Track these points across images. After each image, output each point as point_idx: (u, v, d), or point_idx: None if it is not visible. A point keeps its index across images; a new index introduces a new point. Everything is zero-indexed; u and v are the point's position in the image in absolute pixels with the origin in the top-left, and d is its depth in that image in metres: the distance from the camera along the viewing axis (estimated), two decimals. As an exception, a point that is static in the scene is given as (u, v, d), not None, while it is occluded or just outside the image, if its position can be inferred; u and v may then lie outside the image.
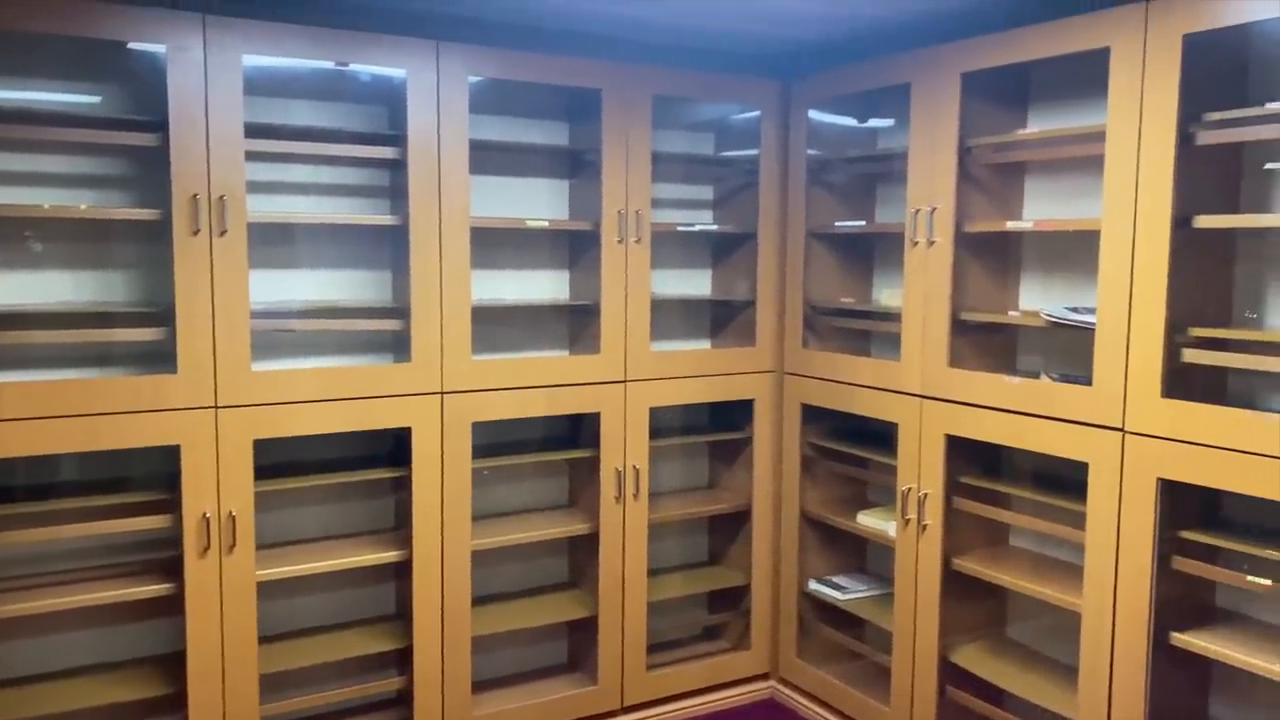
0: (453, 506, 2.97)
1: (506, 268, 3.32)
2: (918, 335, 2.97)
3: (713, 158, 3.68)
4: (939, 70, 2.86)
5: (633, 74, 3.12)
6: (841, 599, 3.40)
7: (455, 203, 2.88)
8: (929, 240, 2.91)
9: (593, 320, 3.20)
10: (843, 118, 3.51)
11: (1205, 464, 2.26)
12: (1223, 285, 2.49)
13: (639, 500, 3.27)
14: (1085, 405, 2.51)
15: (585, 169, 3.26)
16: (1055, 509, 2.71)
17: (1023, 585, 2.78)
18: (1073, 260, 2.88)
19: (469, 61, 2.87)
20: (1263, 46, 2.40)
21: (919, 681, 3.02)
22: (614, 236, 3.14)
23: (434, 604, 2.97)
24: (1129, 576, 2.42)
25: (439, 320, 2.88)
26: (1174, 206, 2.29)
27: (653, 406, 3.28)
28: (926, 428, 2.95)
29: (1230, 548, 2.35)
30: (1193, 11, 2.23)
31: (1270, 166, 2.42)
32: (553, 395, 3.11)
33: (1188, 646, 2.39)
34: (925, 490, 2.95)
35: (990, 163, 2.92)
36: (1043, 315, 2.72)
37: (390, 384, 2.85)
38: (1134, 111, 2.35)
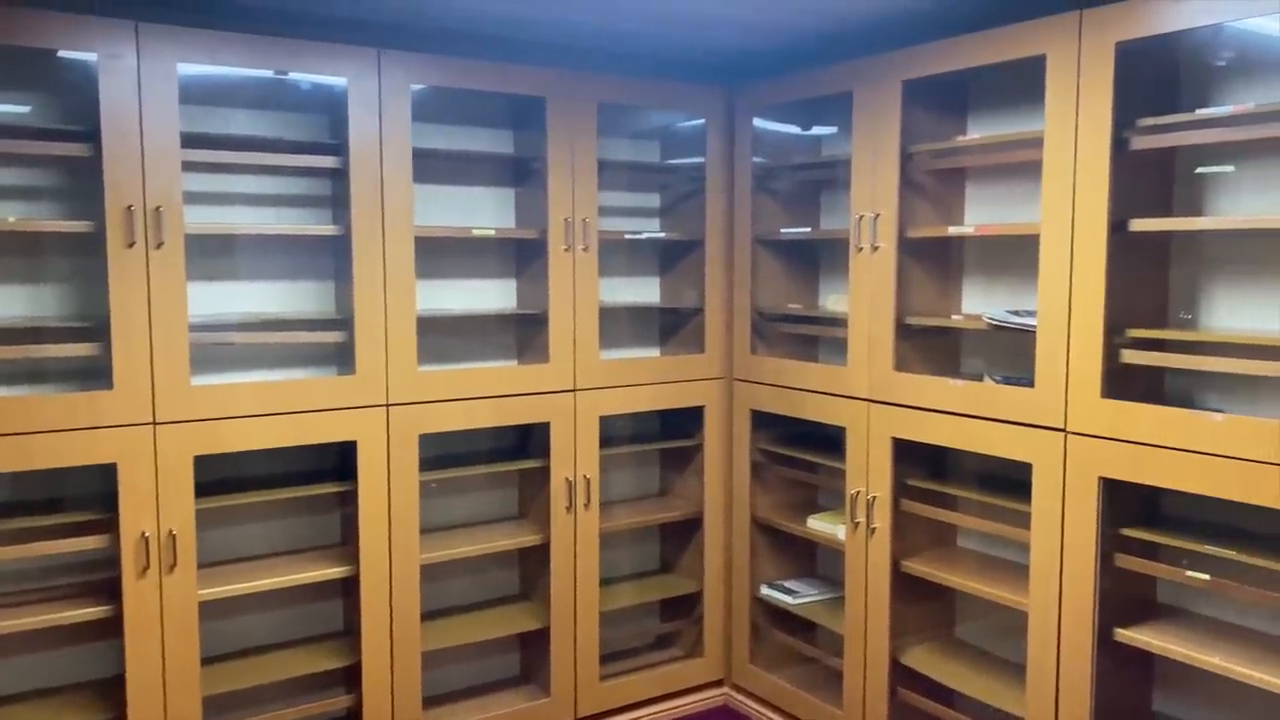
0: (400, 520, 2.92)
1: (452, 277, 3.29)
2: (864, 340, 2.99)
3: (659, 165, 3.69)
4: (880, 78, 2.89)
5: (577, 81, 3.11)
6: (793, 603, 3.42)
7: (399, 212, 2.84)
8: (873, 246, 2.93)
9: (541, 329, 3.18)
10: (787, 125, 3.54)
11: (1145, 462, 2.31)
12: (1158, 287, 2.55)
13: (590, 510, 3.25)
14: (1028, 406, 2.55)
15: (531, 177, 3.24)
16: (1001, 509, 2.75)
17: (970, 586, 2.81)
18: (1013, 264, 2.93)
19: (411, 69, 2.84)
20: (1193, 53, 2.47)
21: (870, 684, 3.04)
22: (561, 245, 3.12)
23: (382, 620, 2.92)
24: (1073, 574, 2.46)
25: (383, 331, 2.85)
26: (1110, 210, 2.34)
27: (603, 415, 3.27)
28: (874, 431, 2.98)
29: (1170, 544, 2.40)
30: (1125, 20, 2.28)
31: (1201, 171, 2.49)
32: (501, 405, 3.08)
33: (1131, 642, 2.44)
34: (874, 493, 2.98)
35: (931, 169, 2.96)
36: (985, 319, 2.76)
37: (334, 397, 2.80)
38: (1070, 118, 2.40)
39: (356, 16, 2.89)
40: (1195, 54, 2.47)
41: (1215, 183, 2.47)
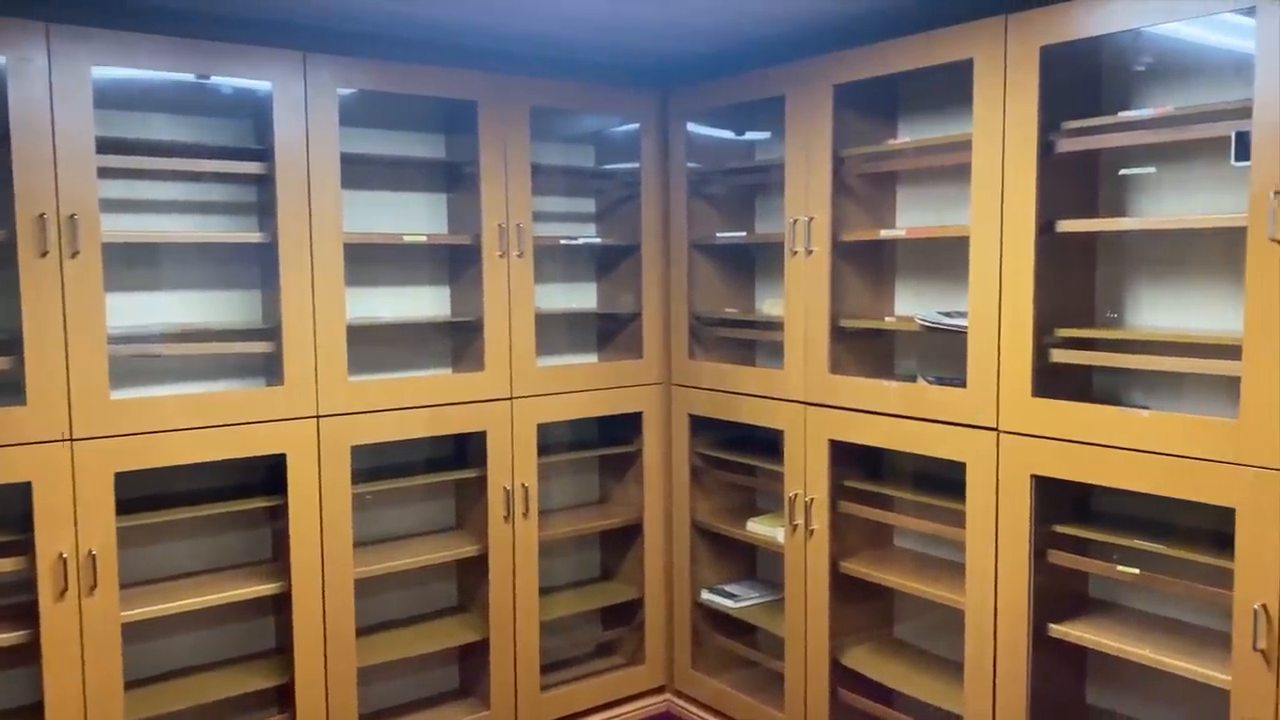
0: (333, 534, 2.86)
1: (384, 284, 3.23)
2: (800, 343, 3.00)
3: (594, 170, 3.67)
4: (812, 83, 2.90)
5: (509, 85, 3.08)
6: (733, 607, 3.41)
7: (327, 218, 2.78)
8: (807, 250, 2.95)
9: (476, 337, 3.14)
10: (721, 130, 3.54)
11: (1075, 459, 2.34)
12: (1085, 287, 2.60)
13: (528, 519, 3.21)
14: (960, 406, 2.57)
15: (464, 182, 3.20)
16: (936, 509, 2.77)
17: (908, 585, 2.83)
18: (944, 266, 2.96)
19: (338, 73, 2.78)
20: (1115, 57, 2.52)
21: (811, 685, 3.04)
22: (495, 250, 3.08)
23: (316, 636, 2.85)
24: (1008, 571, 2.49)
25: (312, 341, 2.78)
26: (1038, 212, 2.37)
27: (540, 423, 3.23)
28: (811, 433, 2.98)
29: (1101, 539, 2.44)
30: (1049, 24, 2.32)
31: (1125, 172, 2.54)
32: (436, 415, 3.03)
33: (1065, 637, 2.47)
34: (811, 495, 2.99)
35: (863, 173, 2.98)
36: (917, 320, 2.79)
37: (262, 409, 2.73)
38: (997, 121, 2.43)
39: (281, 19, 2.82)
40: (1117, 58, 2.52)
41: (1138, 184, 2.52)
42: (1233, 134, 2.12)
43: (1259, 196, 1.99)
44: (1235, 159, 2.11)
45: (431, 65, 2.96)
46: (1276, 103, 1.96)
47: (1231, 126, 2.12)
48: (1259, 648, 2.05)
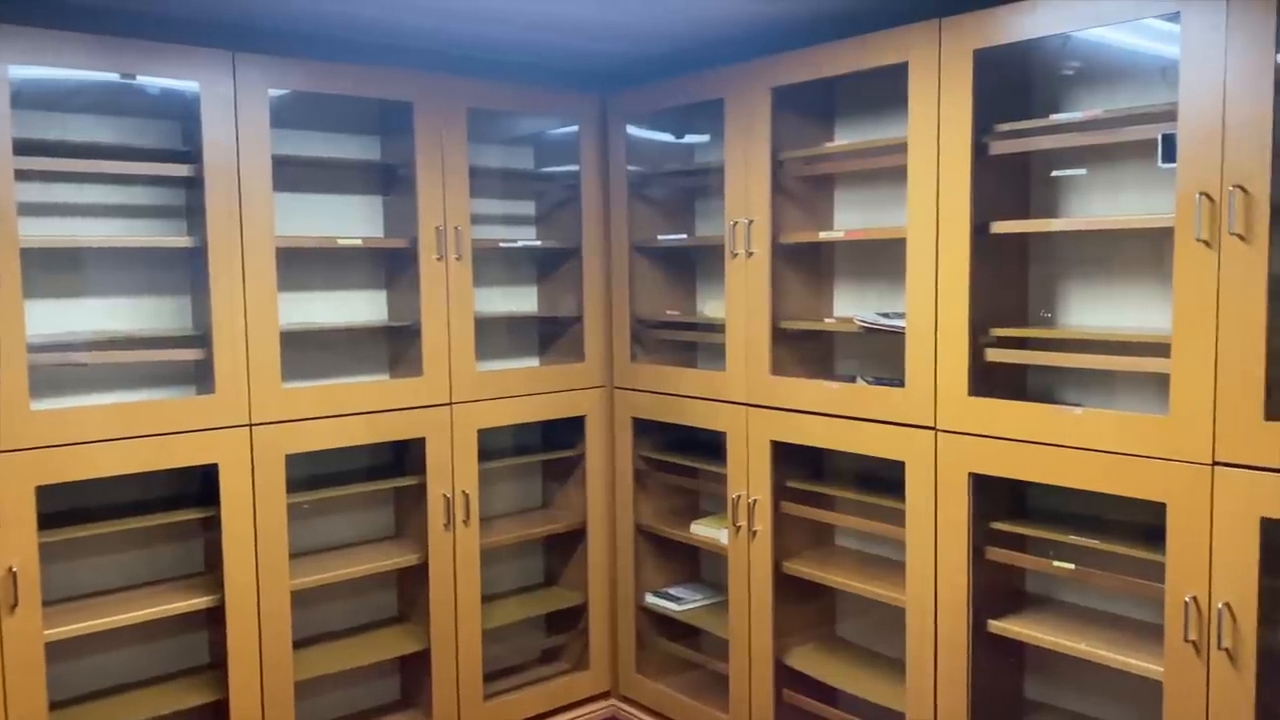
0: (268, 545, 2.79)
1: (319, 289, 3.17)
2: (741, 345, 3.01)
3: (533, 172, 3.64)
4: (750, 85, 2.91)
5: (445, 86, 3.04)
6: (678, 610, 3.41)
7: (258, 222, 2.72)
8: (747, 252, 2.95)
9: (414, 342, 3.09)
10: (661, 133, 3.54)
11: (1011, 457, 2.38)
12: (1019, 287, 2.64)
13: (469, 526, 3.17)
14: (899, 406, 2.60)
15: (400, 184, 3.15)
16: (877, 508, 2.79)
17: (850, 584, 2.85)
18: (883, 267, 2.99)
19: (269, 73, 2.72)
20: (1046, 61, 2.56)
21: (756, 686, 3.05)
22: (433, 254, 3.04)
23: (251, 650, 2.78)
24: (947, 569, 2.52)
25: (244, 348, 2.71)
26: (972, 214, 2.40)
27: (481, 428, 3.19)
28: (753, 435, 2.99)
29: (1038, 536, 2.47)
30: (982, 28, 2.35)
31: (1056, 174, 2.58)
32: (373, 422, 2.97)
33: (1004, 633, 2.51)
34: (754, 496, 2.99)
35: (802, 175, 2.99)
36: (856, 321, 2.81)
37: (193, 418, 2.65)
38: (932, 123, 2.46)
39: (210, 18, 2.75)
40: (1048, 62, 2.56)
41: (1069, 185, 2.57)
42: (1159, 136, 2.16)
43: (1185, 197, 2.04)
44: (1162, 161, 2.15)
45: (366, 65, 2.91)
46: (1200, 106, 2.01)
47: (1158, 129, 2.17)
48: (1190, 639, 2.09)
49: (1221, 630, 2.04)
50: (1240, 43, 1.94)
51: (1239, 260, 1.97)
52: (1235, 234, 1.97)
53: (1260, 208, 1.94)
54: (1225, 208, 1.98)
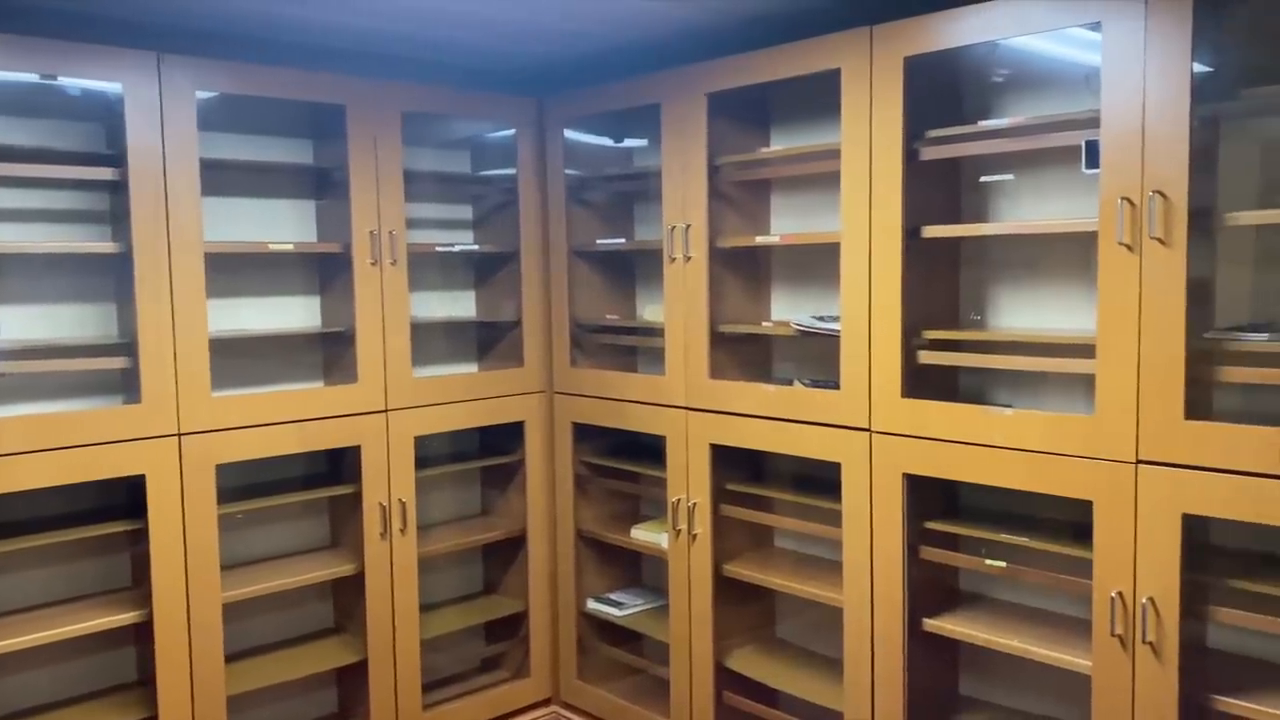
0: (198, 557, 2.72)
1: (250, 295, 3.11)
2: (680, 349, 3.01)
3: (470, 176, 3.61)
4: (686, 91, 2.92)
5: (379, 89, 3.00)
6: (619, 615, 3.40)
7: (186, 227, 2.65)
8: (685, 256, 2.96)
9: (348, 348, 3.04)
10: (599, 137, 3.54)
11: (943, 457, 2.41)
12: (950, 290, 2.68)
13: (406, 535, 3.13)
14: (835, 408, 2.62)
15: (333, 188, 3.10)
16: (815, 509, 2.82)
17: (789, 585, 2.87)
18: (818, 271, 3.02)
19: (195, 74, 2.66)
20: (975, 68, 2.61)
21: (696, 690, 3.05)
22: (367, 259, 3.00)
23: (181, 665, 2.71)
24: (883, 568, 2.55)
25: (172, 355, 2.65)
26: (904, 218, 2.44)
27: (418, 435, 3.15)
28: (692, 439, 3.00)
29: (970, 534, 2.52)
30: (912, 35, 2.39)
31: (985, 179, 2.63)
32: (307, 430, 2.92)
33: (938, 630, 2.54)
34: (694, 500, 3.00)
35: (738, 180, 3.01)
36: (792, 325, 2.83)
37: (118, 428, 2.58)
38: (864, 129, 2.49)
39: (134, 18, 2.68)
40: (977, 69, 2.61)
41: (998, 190, 2.62)
42: (1083, 143, 2.21)
43: (1108, 202, 2.09)
44: (1086, 166, 2.21)
45: (297, 68, 2.86)
46: (1122, 113, 2.06)
47: (1082, 136, 2.22)
48: (1116, 633, 2.14)
49: (1146, 624, 2.09)
50: (1158, 52, 2.00)
51: (1159, 263, 2.03)
52: (1155, 238, 2.02)
53: (1179, 212, 2.00)
54: (1146, 212, 2.03)
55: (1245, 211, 2.07)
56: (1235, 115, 2.17)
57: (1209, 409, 2.16)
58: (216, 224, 2.93)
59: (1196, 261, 2.03)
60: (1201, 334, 2.09)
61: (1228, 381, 2.11)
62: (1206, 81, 2.03)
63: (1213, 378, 2.09)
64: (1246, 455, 1.96)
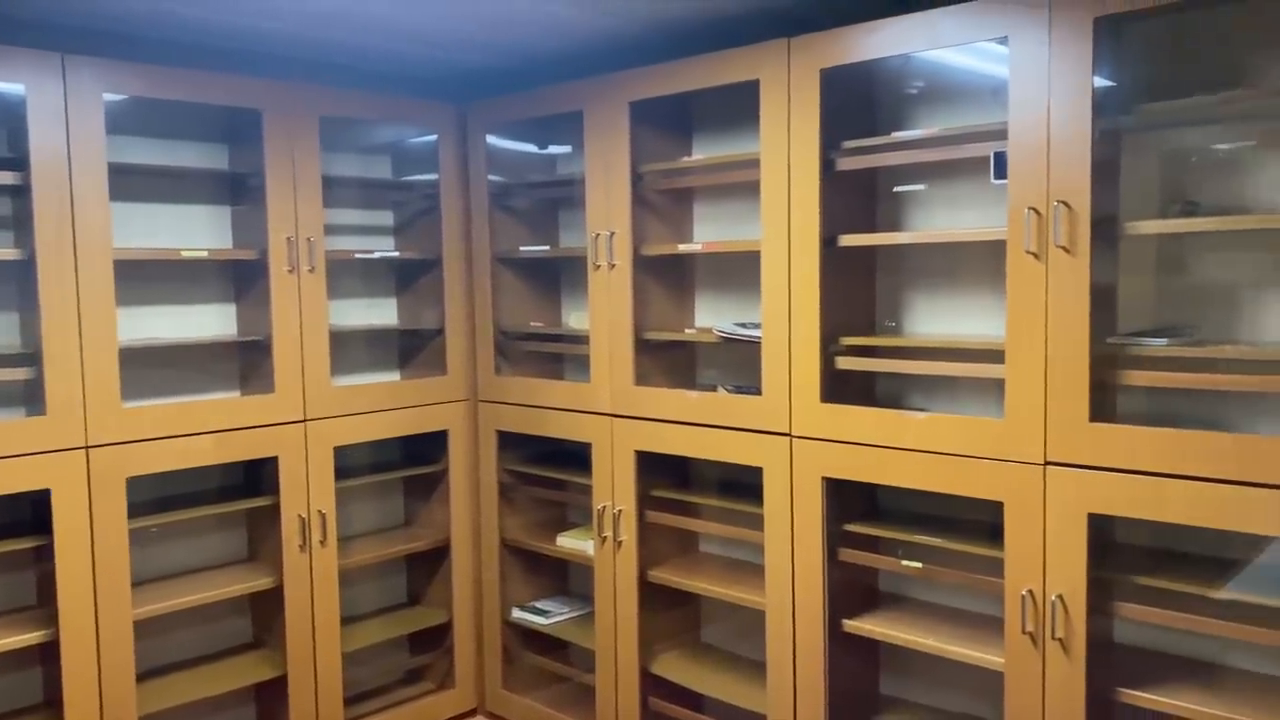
0: (107, 574, 2.64)
1: (163, 303, 3.02)
2: (605, 356, 3.02)
3: (391, 182, 3.57)
4: (608, 99, 2.93)
5: (296, 93, 2.95)
6: (545, 623, 3.39)
7: (93, 232, 2.58)
8: (610, 264, 2.97)
9: (265, 357, 2.98)
10: (523, 143, 3.53)
11: (861, 461, 2.46)
12: (867, 297, 2.73)
13: (326, 546, 3.08)
14: (757, 414, 2.65)
15: (249, 194, 3.04)
16: (739, 513, 2.84)
17: (713, 590, 2.89)
18: (739, 279, 3.05)
19: (103, 77, 2.58)
20: (889, 81, 2.67)
21: (622, 696, 3.06)
22: (284, 265, 2.94)
23: (89, 685, 2.62)
24: (804, 571, 2.58)
25: (79, 365, 2.56)
26: (822, 227, 2.48)
27: (338, 445, 3.11)
28: (618, 445, 3.00)
29: (888, 536, 2.57)
30: (828, 48, 2.44)
31: (899, 189, 2.69)
32: (223, 441, 2.86)
33: (858, 631, 2.59)
34: (620, 507, 3.00)
35: (661, 188, 3.03)
36: (715, 332, 2.86)
37: (22, 441, 2.49)
38: (783, 139, 2.53)
39: (39, 18, 2.60)
40: (891, 81, 2.67)
41: (912, 200, 2.68)
42: (992, 154, 2.28)
43: (1016, 211, 2.15)
44: (995, 177, 2.27)
45: (210, 71, 2.80)
46: (1028, 125, 2.13)
47: (991, 147, 2.29)
48: (1027, 630, 2.20)
49: (1055, 621, 2.16)
50: (1062, 67, 2.07)
51: (1064, 271, 2.10)
52: (1061, 246, 2.09)
53: (1082, 221, 2.07)
54: (1051, 222, 2.10)
55: (1146, 221, 2.15)
56: (1136, 128, 2.26)
57: (1113, 411, 2.24)
58: (128, 230, 2.85)
59: (1100, 269, 2.11)
60: (1105, 339, 2.17)
61: (1130, 385, 2.19)
62: (1108, 96, 2.11)
63: (1116, 381, 2.17)
64: (1148, 456, 2.03)
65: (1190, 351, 2.09)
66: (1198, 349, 2.09)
